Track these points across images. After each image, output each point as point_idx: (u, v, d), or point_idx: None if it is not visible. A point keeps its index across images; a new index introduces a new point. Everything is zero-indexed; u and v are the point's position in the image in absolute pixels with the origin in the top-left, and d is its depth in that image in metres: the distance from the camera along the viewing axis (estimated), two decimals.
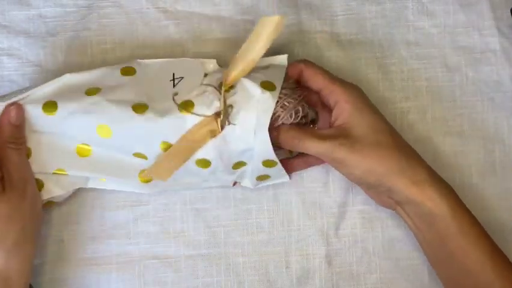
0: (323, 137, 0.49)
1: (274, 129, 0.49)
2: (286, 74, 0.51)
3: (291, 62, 0.52)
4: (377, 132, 0.49)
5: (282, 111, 0.49)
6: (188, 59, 0.53)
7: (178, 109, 0.48)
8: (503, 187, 0.56)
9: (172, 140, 0.49)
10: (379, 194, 0.51)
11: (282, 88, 0.50)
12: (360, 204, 0.56)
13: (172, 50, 0.56)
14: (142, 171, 0.51)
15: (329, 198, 0.56)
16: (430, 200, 0.48)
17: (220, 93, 0.48)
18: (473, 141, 0.56)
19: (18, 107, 0.50)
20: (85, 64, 0.56)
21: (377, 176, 0.48)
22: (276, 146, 0.50)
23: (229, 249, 0.55)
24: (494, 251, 0.48)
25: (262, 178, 0.53)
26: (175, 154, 0.49)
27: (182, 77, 0.50)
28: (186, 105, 0.48)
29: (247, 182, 0.54)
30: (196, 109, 0.48)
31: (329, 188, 0.56)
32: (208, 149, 0.49)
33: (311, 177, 0.56)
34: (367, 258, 0.55)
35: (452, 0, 0.57)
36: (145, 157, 0.51)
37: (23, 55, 0.56)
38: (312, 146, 0.49)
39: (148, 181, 0.52)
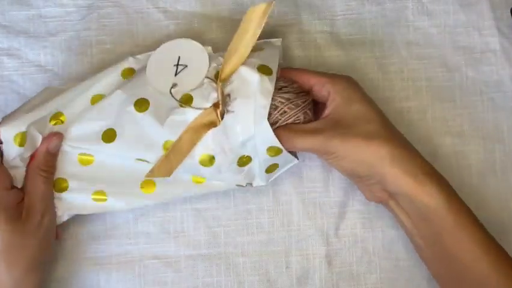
0: (311, 132, 0.48)
1: None
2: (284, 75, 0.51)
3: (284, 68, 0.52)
4: (368, 122, 0.48)
5: (280, 118, 0.49)
6: (195, 42, 0.51)
7: (179, 104, 0.49)
8: (503, 187, 0.56)
9: (174, 138, 0.49)
10: (371, 186, 0.50)
11: (284, 92, 0.49)
12: (360, 204, 0.56)
13: None
14: (147, 176, 0.50)
15: (329, 198, 0.56)
16: (425, 192, 0.47)
17: (217, 84, 0.48)
18: (473, 141, 0.56)
19: (59, 136, 0.50)
20: (85, 64, 0.56)
21: (368, 166, 0.48)
22: None
23: (229, 249, 0.55)
24: (491, 245, 0.47)
25: (271, 169, 0.52)
26: (176, 150, 0.49)
27: (186, 66, 0.50)
28: (186, 100, 0.49)
29: (258, 180, 0.52)
30: (195, 103, 0.49)
31: (329, 188, 0.56)
32: (208, 141, 0.49)
33: (311, 177, 0.56)
34: (367, 258, 0.55)
35: (452, 0, 0.57)
36: (146, 161, 0.50)
37: (23, 55, 0.56)
38: (301, 142, 0.48)
39: (151, 191, 0.52)
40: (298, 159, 0.52)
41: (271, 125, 0.48)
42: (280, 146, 0.49)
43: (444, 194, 0.47)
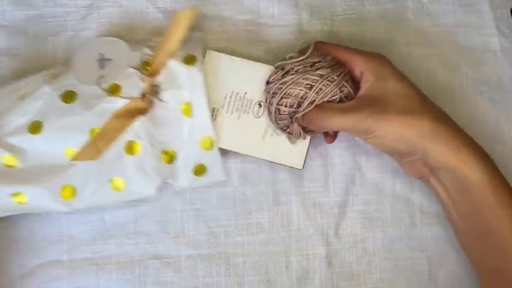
0: (347, 110, 0.48)
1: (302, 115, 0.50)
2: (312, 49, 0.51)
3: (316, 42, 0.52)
4: (404, 98, 0.48)
5: (316, 97, 0.49)
6: (114, 39, 0.53)
7: (107, 94, 0.50)
8: None
9: (101, 125, 0.50)
10: (412, 162, 0.49)
11: (317, 68, 0.49)
12: (360, 204, 0.56)
13: None
14: (73, 159, 0.49)
15: (329, 198, 0.56)
16: (466, 165, 0.46)
17: (143, 74, 0.50)
18: None
19: None
20: None
21: (408, 143, 0.47)
22: (305, 131, 0.51)
23: (229, 249, 0.55)
24: None
25: (198, 171, 0.52)
26: (104, 134, 0.49)
27: (111, 59, 0.52)
28: (114, 89, 0.50)
29: (182, 179, 0.53)
30: (123, 92, 0.50)
31: (329, 188, 0.56)
32: (137, 128, 0.50)
33: (311, 177, 0.56)
34: (367, 258, 0.55)
35: (452, 0, 0.58)
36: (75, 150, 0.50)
37: (23, 55, 0.56)
38: (338, 121, 0.48)
39: (69, 198, 0.50)
40: (225, 178, 0.53)
41: (309, 104, 0.49)
42: (214, 136, 0.51)
43: (485, 168, 0.46)
